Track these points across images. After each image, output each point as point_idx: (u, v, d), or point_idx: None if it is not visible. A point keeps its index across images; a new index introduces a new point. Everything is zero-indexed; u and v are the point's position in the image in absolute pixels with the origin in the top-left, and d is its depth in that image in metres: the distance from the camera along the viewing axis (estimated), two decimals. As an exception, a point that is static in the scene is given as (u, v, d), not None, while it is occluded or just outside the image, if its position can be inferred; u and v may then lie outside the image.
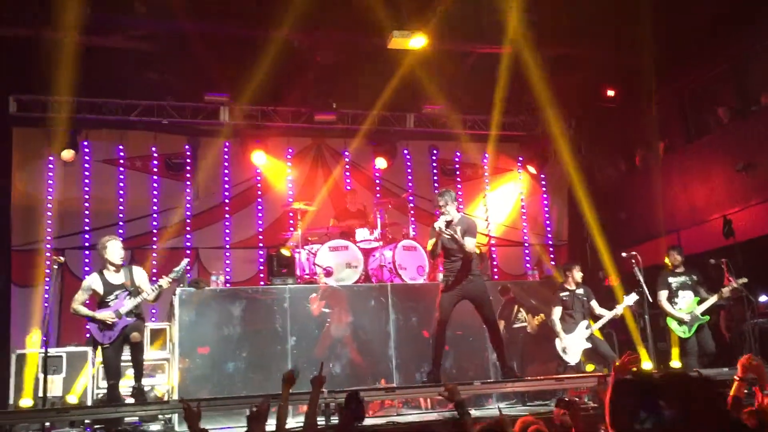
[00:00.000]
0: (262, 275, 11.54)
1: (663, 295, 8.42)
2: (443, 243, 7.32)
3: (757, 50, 9.87)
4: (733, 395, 3.97)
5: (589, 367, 9.39)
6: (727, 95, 10.98)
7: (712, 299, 8.31)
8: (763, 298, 8.99)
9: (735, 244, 9.09)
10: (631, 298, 8.36)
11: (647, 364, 8.26)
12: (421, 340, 9.08)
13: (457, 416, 4.38)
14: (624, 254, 8.53)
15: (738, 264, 8.92)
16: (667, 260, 8.81)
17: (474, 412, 6.56)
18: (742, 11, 9.33)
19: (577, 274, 8.67)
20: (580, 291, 8.63)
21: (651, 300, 8.36)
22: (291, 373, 4.73)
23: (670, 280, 8.49)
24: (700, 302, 8.38)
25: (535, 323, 9.26)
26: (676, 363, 8.62)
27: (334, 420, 6.20)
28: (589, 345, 8.36)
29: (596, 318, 8.55)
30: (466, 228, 7.33)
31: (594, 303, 8.58)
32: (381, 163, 12.74)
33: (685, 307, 8.41)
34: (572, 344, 8.39)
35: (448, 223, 7.23)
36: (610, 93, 12.50)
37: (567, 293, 8.61)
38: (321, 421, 6.37)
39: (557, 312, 8.52)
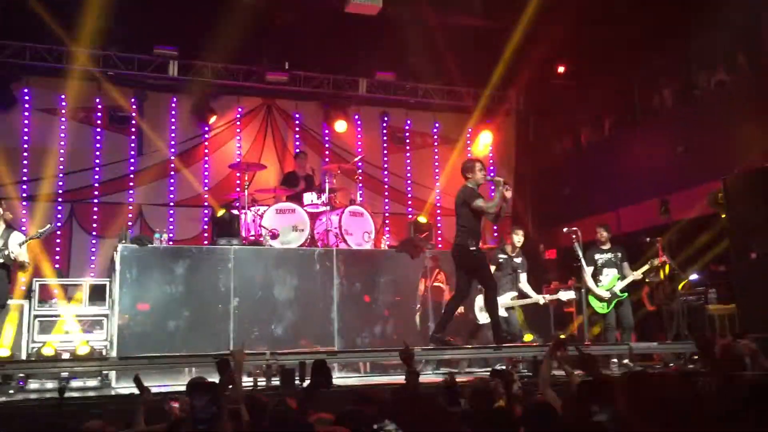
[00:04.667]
0: (206, 234, 11.43)
1: (588, 271, 8.62)
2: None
3: (702, 37, 10.15)
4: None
5: (527, 337, 9.64)
6: (673, 78, 11.28)
7: (631, 277, 8.55)
8: (693, 276, 9.35)
9: (671, 223, 9.42)
10: (566, 295, 8.56)
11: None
12: (364, 306, 9.20)
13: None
14: (565, 229, 8.73)
15: (672, 243, 9.28)
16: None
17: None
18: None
19: (516, 238, 8.71)
20: (518, 260, 8.72)
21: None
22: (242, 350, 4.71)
23: (597, 257, 8.69)
24: (620, 279, 8.63)
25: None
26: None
27: (275, 381, 6.24)
28: (505, 314, 8.41)
29: (519, 291, 8.67)
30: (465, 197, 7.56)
31: (523, 276, 8.67)
32: (341, 126, 12.67)
33: (606, 283, 8.61)
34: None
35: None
36: (561, 69, 12.71)
37: (504, 256, 8.69)
38: (262, 382, 6.41)
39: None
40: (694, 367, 7.19)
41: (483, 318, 8.43)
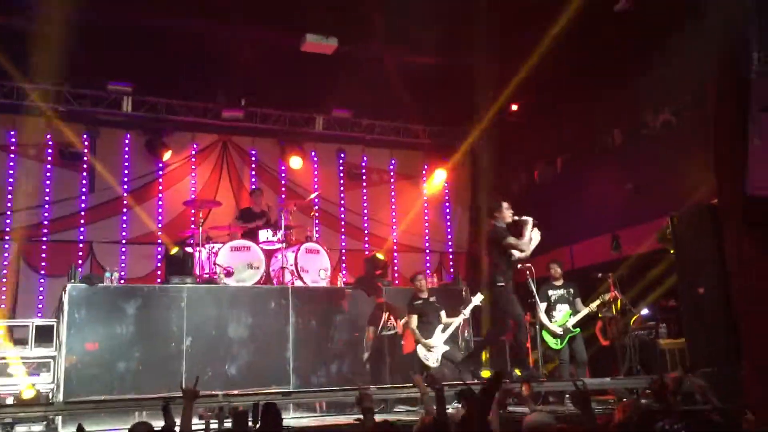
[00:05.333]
0: (159, 273, 11.24)
1: (542, 307, 8.79)
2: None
3: (649, 77, 10.47)
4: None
5: (485, 374, 9.64)
6: (622, 118, 11.58)
7: (583, 312, 8.76)
8: (644, 311, 9.51)
9: (622, 258, 9.59)
10: (477, 299, 8.66)
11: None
12: (320, 344, 9.11)
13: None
14: (519, 266, 8.81)
15: (623, 278, 9.44)
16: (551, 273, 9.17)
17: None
18: (641, 40, 9.85)
19: (420, 284, 8.86)
20: (432, 299, 8.85)
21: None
22: (194, 387, 4.64)
23: (550, 293, 8.89)
24: (573, 314, 8.78)
25: (399, 328, 9.34)
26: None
27: (228, 423, 6.12)
28: (447, 348, 8.54)
29: (446, 325, 8.73)
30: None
31: (443, 313, 8.79)
32: (296, 162, 12.65)
33: (559, 319, 8.81)
34: (433, 349, 8.56)
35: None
36: (514, 107, 12.95)
37: (420, 301, 8.79)
38: (214, 425, 6.28)
39: (414, 320, 8.67)
40: (647, 403, 7.28)
41: (431, 361, 8.49)
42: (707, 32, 7.64)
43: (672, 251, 8.73)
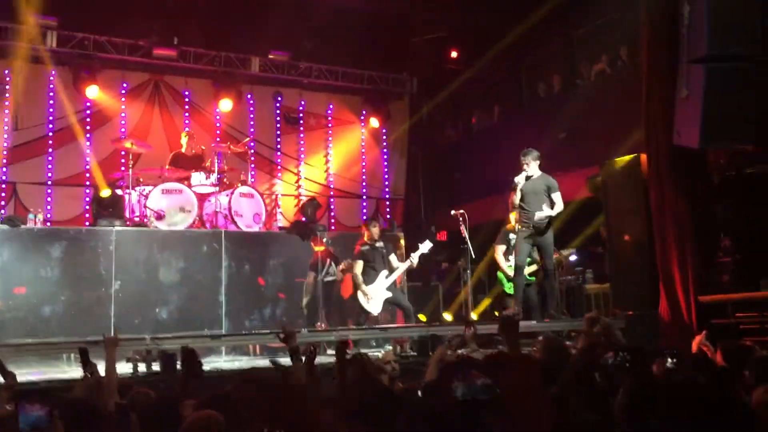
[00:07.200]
0: (88, 215, 10.92)
1: (500, 249, 8.84)
2: (523, 195, 7.98)
3: (587, 29, 10.57)
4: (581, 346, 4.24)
5: (422, 317, 9.81)
6: (559, 66, 11.69)
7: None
8: (572, 257, 9.77)
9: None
10: (425, 246, 8.69)
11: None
12: (253, 288, 9.08)
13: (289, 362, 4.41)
14: (453, 212, 8.88)
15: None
16: (511, 218, 9.14)
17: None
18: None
19: (375, 230, 8.82)
20: (380, 244, 8.82)
21: (473, 255, 8.80)
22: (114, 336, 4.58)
23: (510, 236, 8.87)
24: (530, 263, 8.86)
25: (341, 274, 9.36)
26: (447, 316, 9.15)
27: (156, 367, 6.07)
28: (390, 294, 8.56)
29: (392, 270, 8.76)
30: (549, 185, 8.01)
31: (392, 257, 8.78)
32: (226, 105, 12.30)
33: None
34: (374, 295, 8.58)
35: (528, 178, 8.01)
36: (454, 54, 12.92)
37: (367, 247, 8.76)
38: (142, 367, 6.23)
39: (359, 266, 8.65)
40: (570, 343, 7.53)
41: (371, 307, 8.52)
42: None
43: (601, 199, 8.95)
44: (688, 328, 6.86)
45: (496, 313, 9.15)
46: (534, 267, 8.67)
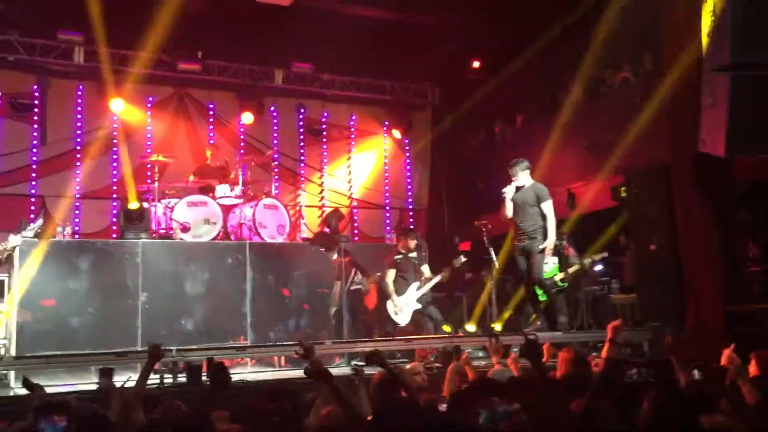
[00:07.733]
0: (115, 228, 11.06)
1: (390, 274, 8.75)
2: (514, 206, 7.90)
3: (610, 37, 10.49)
4: (606, 357, 4.15)
5: (446, 328, 9.76)
6: (582, 75, 11.61)
7: (575, 267, 8.77)
8: (597, 268, 9.69)
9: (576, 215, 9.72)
10: (458, 261, 8.68)
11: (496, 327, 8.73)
12: (277, 299, 9.12)
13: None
14: (476, 222, 8.86)
15: (578, 234, 9.58)
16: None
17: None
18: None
19: (412, 243, 8.81)
20: (413, 255, 8.83)
21: (497, 266, 8.75)
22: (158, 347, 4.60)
23: (397, 258, 8.80)
24: (560, 269, 8.81)
25: (368, 285, 9.36)
26: (470, 327, 9.13)
27: (182, 378, 6.12)
28: (419, 306, 8.57)
29: (425, 282, 8.72)
30: (540, 193, 7.87)
31: (425, 267, 8.80)
32: (247, 118, 12.43)
33: (548, 271, 8.78)
34: (403, 306, 8.58)
35: (518, 189, 7.92)
36: (476, 64, 12.92)
37: (401, 256, 8.77)
38: (168, 378, 6.28)
39: (391, 274, 8.67)
40: (598, 355, 7.46)
41: (400, 318, 8.54)
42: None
43: (626, 209, 8.89)
44: (716, 339, 6.78)
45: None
46: (561, 274, 8.64)
